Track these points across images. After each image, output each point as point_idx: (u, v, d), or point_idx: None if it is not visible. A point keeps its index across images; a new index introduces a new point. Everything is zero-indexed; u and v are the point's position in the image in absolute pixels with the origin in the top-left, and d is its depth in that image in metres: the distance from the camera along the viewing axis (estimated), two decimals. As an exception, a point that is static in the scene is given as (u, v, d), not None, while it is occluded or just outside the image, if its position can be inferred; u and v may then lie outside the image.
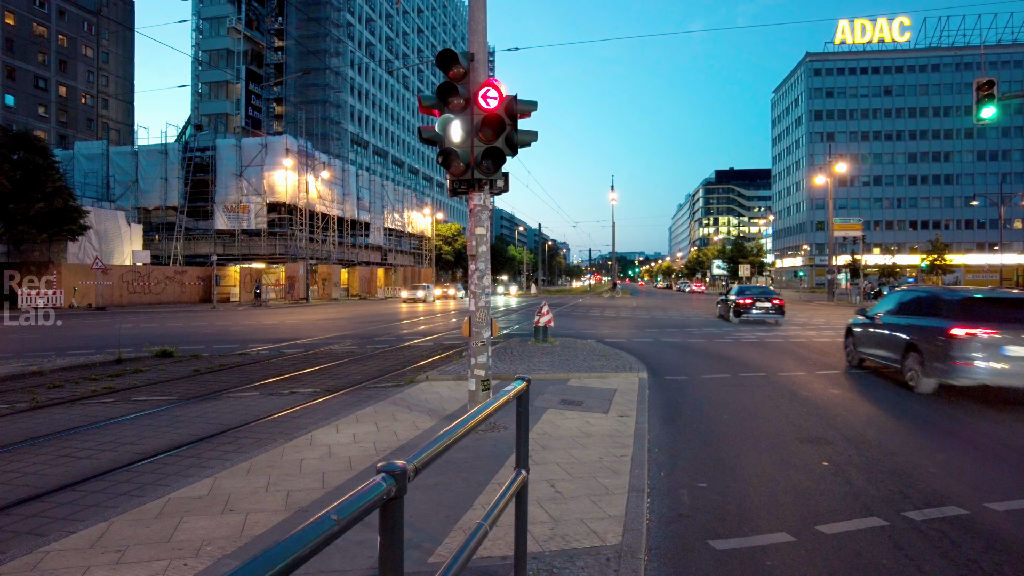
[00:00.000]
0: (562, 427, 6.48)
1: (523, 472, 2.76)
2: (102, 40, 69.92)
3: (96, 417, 7.41)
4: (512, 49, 21.94)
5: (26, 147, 30.79)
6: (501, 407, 2.53)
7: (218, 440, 6.35)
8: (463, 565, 1.98)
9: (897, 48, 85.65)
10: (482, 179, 6.22)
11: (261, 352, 13.90)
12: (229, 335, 18.02)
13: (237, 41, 60.19)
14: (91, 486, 4.94)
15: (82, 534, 3.72)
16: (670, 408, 7.82)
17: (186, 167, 44.53)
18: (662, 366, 11.39)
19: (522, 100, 6.27)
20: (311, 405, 8.06)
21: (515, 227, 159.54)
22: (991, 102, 14.11)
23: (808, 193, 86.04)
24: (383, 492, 1.39)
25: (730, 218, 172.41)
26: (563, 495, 4.42)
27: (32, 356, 12.49)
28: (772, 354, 13.21)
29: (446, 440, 1.85)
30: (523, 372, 9.60)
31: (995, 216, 71.53)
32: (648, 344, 15.22)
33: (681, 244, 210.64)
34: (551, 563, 3.36)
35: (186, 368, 11.37)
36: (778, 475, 5.11)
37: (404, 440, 5.98)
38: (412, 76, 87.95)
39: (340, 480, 4.76)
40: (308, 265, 42.40)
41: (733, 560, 3.58)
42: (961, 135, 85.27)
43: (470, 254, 6.52)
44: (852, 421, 7.05)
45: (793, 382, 9.65)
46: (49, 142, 52.14)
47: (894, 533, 3.91)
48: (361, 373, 10.84)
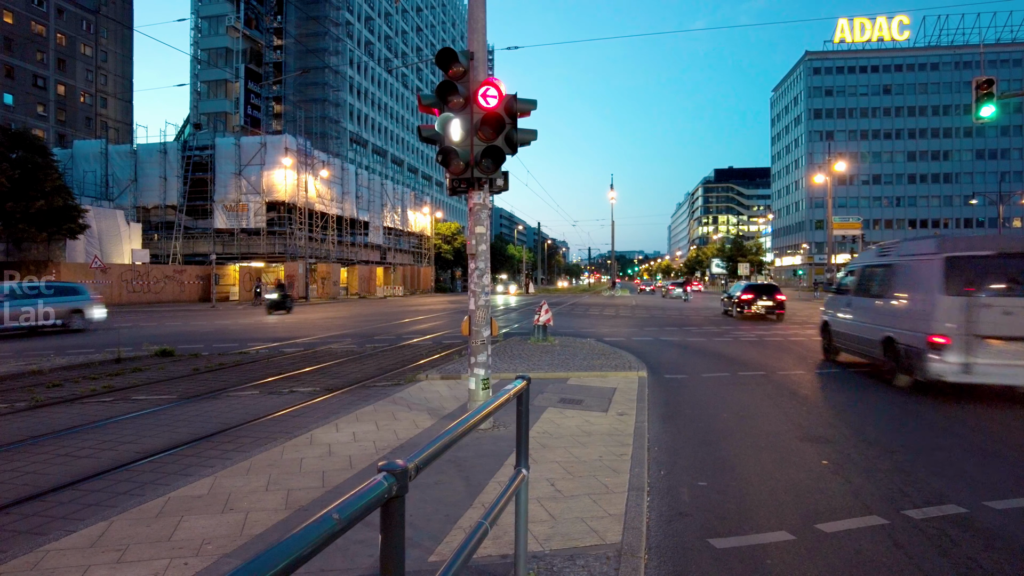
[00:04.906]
0: (562, 426, 6.48)
1: (523, 471, 2.77)
2: (101, 39, 69.82)
3: (96, 416, 7.41)
4: (512, 48, 21.93)
5: (25, 146, 30.73)
6: (501, 406, 2.53)
7: (218, 439, 6.35)
8: (463, 564, 1.98)
9: (896, 47, 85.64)
10: (482, 178, 6.22)
11: (260, 351, 13.89)
12: (228, 334, 18.01)
13: (236, 40, 60.07)
14: (91, 485, 4.94)
15: (82, 533, 3.72)
16: (670, 407, 7.82)
17: (185, 166, 44.48)
18: (662, 364, 11.40)
19: (522, 99, 6.27)
20: (311, 404, 8.06)
21: (514, 226, 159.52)
22: (990, 101, 14.11)
23: (807, 192, 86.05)
24: (384, 491, 1.39)
25: (729, 217, 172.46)
26: (563, 494, 4.42)
27: (31, 355, 12.49)
28: (772, 352, 13.22)
29: (446, 439, 1.85)
30: (523, 371, 9.61)
31: (994, 215, 71.62)
32: (647, 343, 15.23)
33: (680, 243, 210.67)
34: (551, 562, 3.36)
35: (186, 367, 11.37)
36: (778, 473, 5.11)
37: (404, 439, 5.98)
38: (411, 75, 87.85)
39: (340, 479, 4.76)
40: (307, 264, 42.37)
41: (733, 558, 3.59)
42: (960, 134, 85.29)
43: (470, 253, 6.52)
44: (853, 420, 7.06)
45: (793, 380, 9.65)
46: (48, 141, 52.12)
47: (893, 531, 3.92)
48: (361, 372, 10.84)
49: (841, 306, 11.65)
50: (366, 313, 28.88)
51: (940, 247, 8.58)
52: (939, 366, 7.98)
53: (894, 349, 9.03)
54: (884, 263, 10.26)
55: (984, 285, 8.08)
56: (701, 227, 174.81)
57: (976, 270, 8.23)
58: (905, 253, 9.65)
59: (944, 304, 8.10)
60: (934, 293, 8.29)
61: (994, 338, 7.80)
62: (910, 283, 9.08)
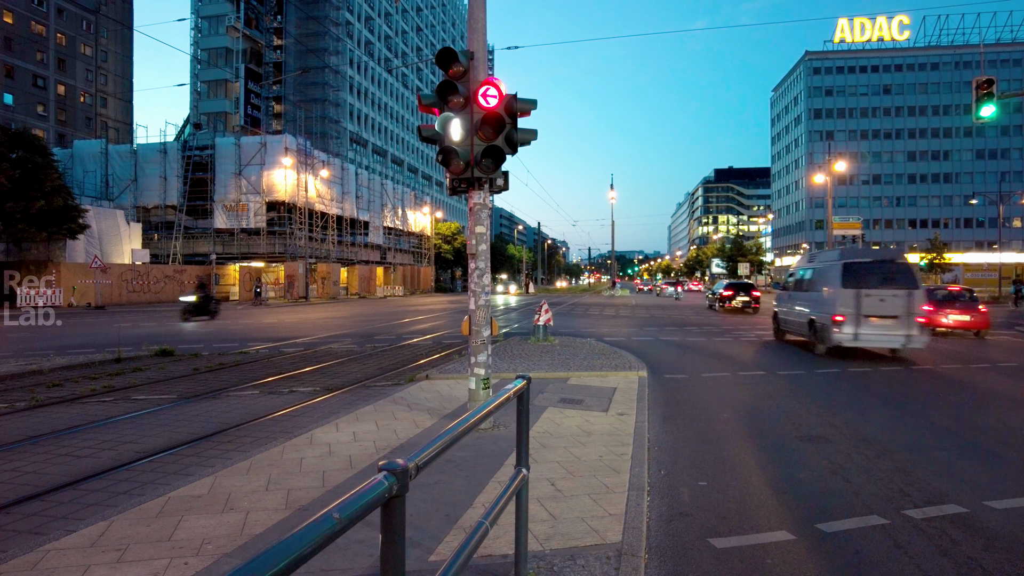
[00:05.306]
0: (562, 425, 6.48)
1: (523, 470, 2.76)
2: (101, 38, 69.80)
3: (96, 416, 7.41)
4: (512, 47, 21.94)
5: (25, 146, 30.72)
6: (501, 406, 2.53)
7: (218, 439, 6.35)
8: (464, 563, 1.98)
9: (896, 47, 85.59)
10: (482, 177, 6.22)
11: (260, 351, 13.89)
12: (228, 334, 18.01)
13: (236, 40, 60.05)
14: (91, 485, 4.94)
15: (82, 533, 3.72)
16: (670, 406, 7.82)
17: (185, 166, 44.48)
18: (662, 364, 11.40)
19: (522, 98, 6.27)
20: (311, 404, 8.06)
21: (514, 226, 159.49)
22: (990, 100, 14.11)
23: (807, 191, 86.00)
24: (384, 491, 1.39)
25: (729, 216, 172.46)
26: (563, 493, 4.42)
27: (31, 355, 12.48)
28: (771, 352, 13.23)
29: (447, 439, 1.84)
30: (523, 371, 9.60)
31: (994, 214, 71.57)
32: (648, 342, 15.23)
33: (680, 243, 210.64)
34: (552, 561, 3.36)
35: (186, 367, 11.36)
36: (778, 473, 5.12)
37: (404, 439, 5.98)
38: (411, 74, 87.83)
39: (340, 479, 4.76)
40: (307, 264, 42.37)
41: (733, 558, 3.58)
42: (960, 133, 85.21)
43: (470, 252, 6.52)
44: (853, 419, 7.06)
45: (792, 380, 9.66)
46: (48, 141, 52.09)
47: (894, 531, 3.92)
48: (361, 372, 10.84)
49: (784, 300, 15.75)
50: (366, 313, 28.88)
51: (841, 256, 12.77)
52: (839, 335, 11.90)
53: (814, 327, 12.98)
54: (810, 268, 14.25)
55: (867, 282, 11.93)
56: (701, 227, 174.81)
57: (862, 272, 12.12)
58: (821, 260, 13.78)
59: (843, 295, 11.92)
60: (837, 287, 12.08)
61: (873, 316, 11.76)
62: (824, 281, 12.82)
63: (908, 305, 11.72)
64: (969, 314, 16.91)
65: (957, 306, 17.11)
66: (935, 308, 16.66)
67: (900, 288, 11.83)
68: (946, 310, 17.02)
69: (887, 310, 11.74)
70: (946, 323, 17.00)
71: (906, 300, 11.72)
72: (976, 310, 16.95)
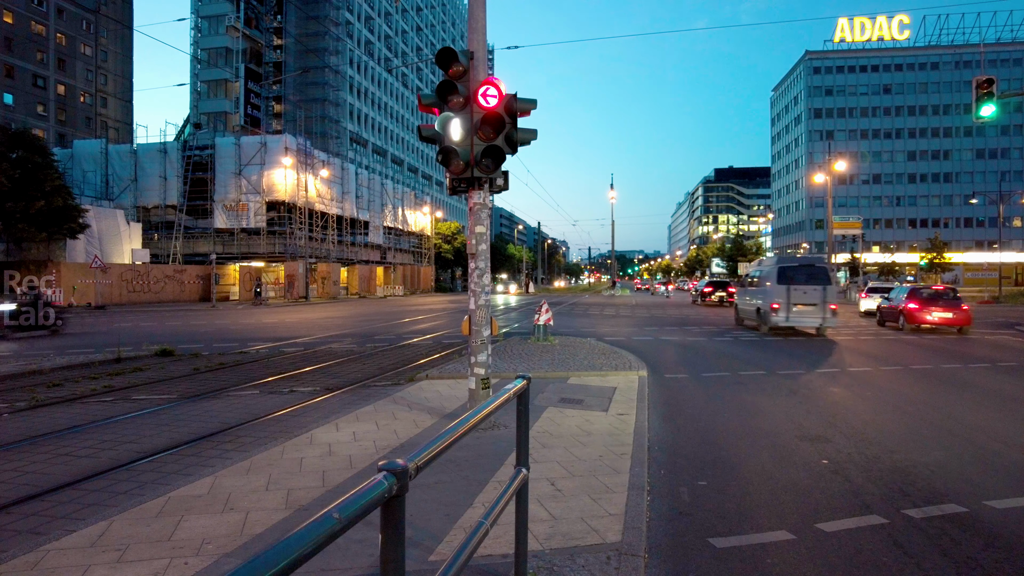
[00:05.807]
0: (562, 425, 6.48)
1: (523, 470, 2.77)
2: (101, 38, 69.79)
3: (96, 416, 7.41)
4: (512, 47, 21.96)
5: (25, 146, 30.72)
6: (501, 405, 2.53)
7: (218, 439, 6.35)
8: (464, 563, 1.98)
9: (896, 46, 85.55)
10: (482, 177, 6.22)
11: (261, 351, 13.89)
12: (229, 334, 18.01)
13: (236, 39, 60.03)
14: (91, 485, 4.94)
15: (82, 533, 3.72)
16: (670, 406, 7.83)
17: (185, 166, 44.47)
18: (662, 364, 11.40)
19: (522, 98, 6.27)
20: (311, 403, 8.06)
21: (514, 225, 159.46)
22: (990, 100, 14.11)
23: (807, 191, 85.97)
24: (385, 491, 1.39)
25: (729, 216, 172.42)
26: (563, 493, 4.42)
27: (31, 355, 12.49)
28: (770, 352, 13.23)
29: (447, 438, 1.84)
30: (523, 370, 9.59)
31: (994, 214, 71.49)
32: (648, 342, 15.23)
33: (680, 242, 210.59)
34: (552, 561, 3.36)
35: (186, 367, 11.36)
36: (778, 473, 5.12)
37: (404, 439, 5.98)
38: (411, 74, 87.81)
39: (341, 478, 4.76)
40: (307, 264, 42.38)
41: (733, 558, 3.59)
42: (960, 133, 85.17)
43: (470, 252, 6.52)
44: (852, 419, 7.06)
45: (792, 380, 9.65)
46: (48, 141, 52.12)
47: (893, 531, 3.92)
48: (361, 371, 10.84)
49: (741, 295, 20.38)
50: (366, 313, 28.88)
51: (778, 261, 17.45)
52: (775, 318, 16.34)
53: (759, 313, 17.37)
54: (758, 270, 19.05)
55: (795, 279, 16.25)
56: (701, 227, 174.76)
57: (792, 272, 16.48)
58: (765, 265, 18.71)
59: (778, 289, 16.30)
60: (774, 283, 16.45)
61: (799, 304, 16.14)
62: (766, 279, 17.26)
63: (823, 296, 15.99)
64: (952, 311, 17.39)
65: (940, 304, 17.69)
66: (920, 306, 17.83)
67: (819, 284, 16.01)
68: (931, 307, 17.61)
69: (808, 300, 16.09)
70: (930, 320, 17.58)
71: (822, 292, 15.99)
72: (959, 308, 17.43)
